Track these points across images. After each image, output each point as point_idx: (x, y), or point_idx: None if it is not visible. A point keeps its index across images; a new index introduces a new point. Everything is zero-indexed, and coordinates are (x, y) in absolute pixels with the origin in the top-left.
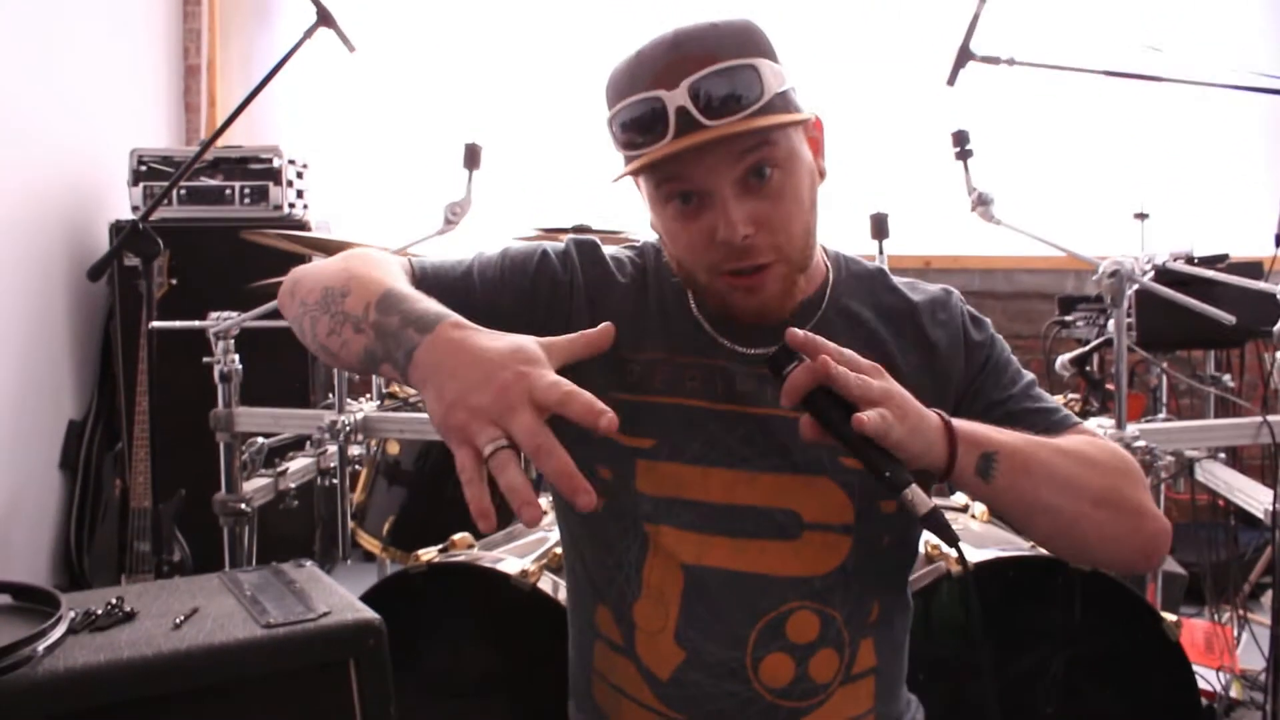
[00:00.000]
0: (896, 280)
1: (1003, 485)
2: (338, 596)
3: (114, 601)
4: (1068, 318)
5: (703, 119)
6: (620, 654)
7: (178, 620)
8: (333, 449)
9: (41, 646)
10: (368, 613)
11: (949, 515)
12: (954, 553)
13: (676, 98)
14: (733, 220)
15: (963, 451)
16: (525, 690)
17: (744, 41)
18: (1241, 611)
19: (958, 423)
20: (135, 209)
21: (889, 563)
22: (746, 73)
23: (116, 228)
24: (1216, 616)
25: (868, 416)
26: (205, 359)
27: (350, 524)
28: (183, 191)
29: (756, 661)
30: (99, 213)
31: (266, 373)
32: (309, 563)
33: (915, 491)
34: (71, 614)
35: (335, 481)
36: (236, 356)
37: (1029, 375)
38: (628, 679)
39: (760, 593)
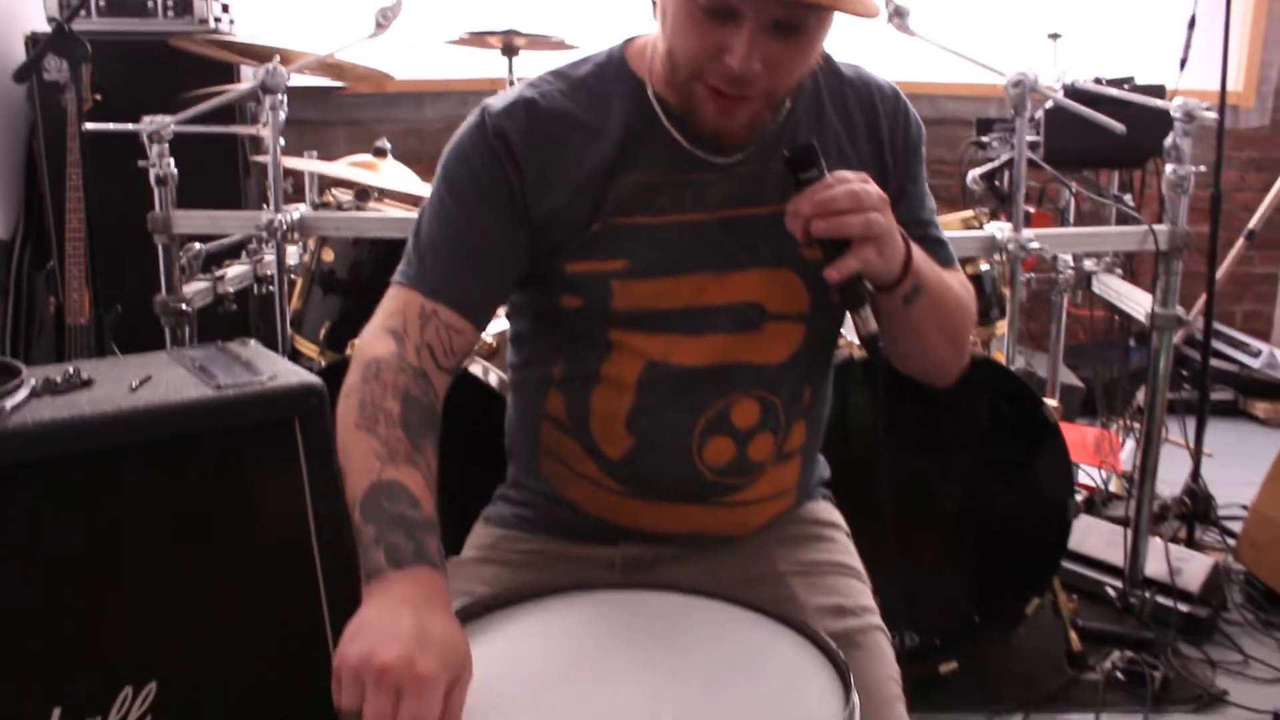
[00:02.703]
0: (842, 65)
1: (911, 313)
2: (282, 364)
3: (71, 371)
4: (984, 139)
5: None
6: (568, 435)
7: (133, 384)
8: (270, 257)
9: (8, 404)
10: (310, 376)
11: None
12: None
13: None
14: (748, 55)
15: (906, 280)
16: (456, 461)
17: None
18: (1128, 420)
19: (914, 254)
20: (51, 21)
21: (827, 350)
22: None
23: (32, 39)
24: (1107, 425)
25: (858, 259)
26: (140, 162)
27: (289, 331)
28: (101, 3)
29: (701, 445)
30: (12, 23)
31: (199, 181)
32: (253, 341)
33: (868, 311)
34: (32, 381)
35: (273, 289)
36: (172, 160)
37: (932, 199)
38: (576, 457)
39: (715, 383)
